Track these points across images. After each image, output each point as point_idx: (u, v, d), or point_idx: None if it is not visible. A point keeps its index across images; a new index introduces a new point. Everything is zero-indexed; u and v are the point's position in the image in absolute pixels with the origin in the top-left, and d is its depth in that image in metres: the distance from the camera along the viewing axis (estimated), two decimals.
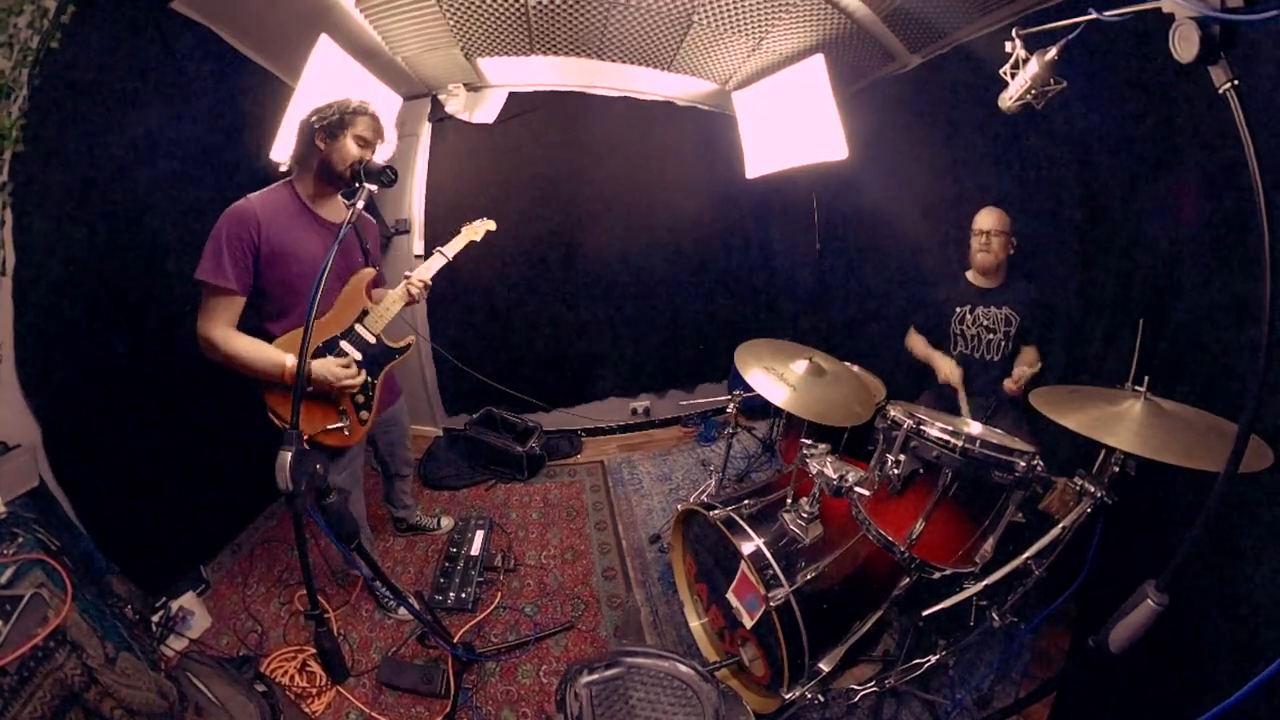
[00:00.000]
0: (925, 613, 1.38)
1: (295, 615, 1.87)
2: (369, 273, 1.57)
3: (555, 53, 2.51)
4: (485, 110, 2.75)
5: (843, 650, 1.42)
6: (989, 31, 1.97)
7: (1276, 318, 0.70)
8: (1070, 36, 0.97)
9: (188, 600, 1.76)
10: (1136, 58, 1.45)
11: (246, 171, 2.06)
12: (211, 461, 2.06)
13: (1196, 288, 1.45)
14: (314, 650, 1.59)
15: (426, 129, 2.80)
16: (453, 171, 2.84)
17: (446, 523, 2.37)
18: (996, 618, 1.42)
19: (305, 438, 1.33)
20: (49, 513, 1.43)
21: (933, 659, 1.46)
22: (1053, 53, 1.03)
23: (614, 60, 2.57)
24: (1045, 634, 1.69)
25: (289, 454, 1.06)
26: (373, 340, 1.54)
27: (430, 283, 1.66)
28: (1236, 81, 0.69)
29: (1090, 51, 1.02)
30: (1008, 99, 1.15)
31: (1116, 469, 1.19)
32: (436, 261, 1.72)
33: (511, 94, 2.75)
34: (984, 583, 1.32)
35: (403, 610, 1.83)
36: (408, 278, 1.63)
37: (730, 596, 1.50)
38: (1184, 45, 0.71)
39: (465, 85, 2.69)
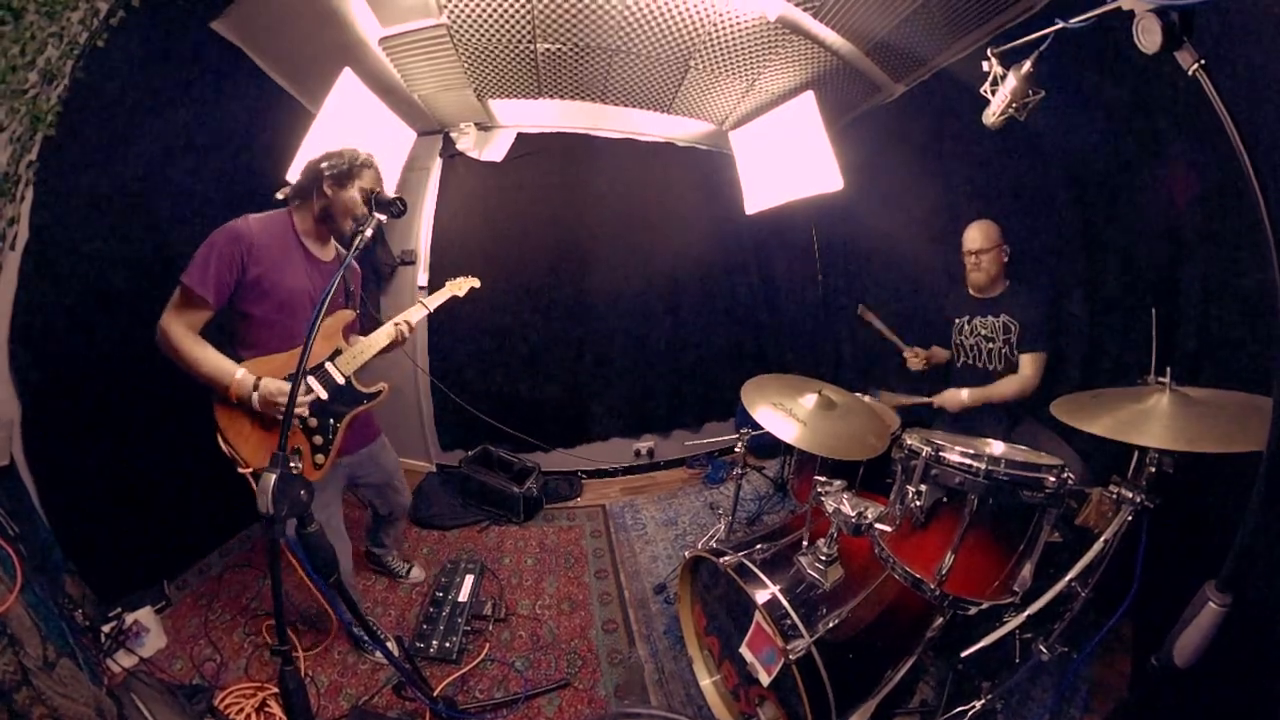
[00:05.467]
0: (964, 654, 1.32)
1: (260, 649, 1.80)
2: (349, 314, 1.62)
3: (562, 96, 2.76)
4: (494, 149, 2.98)
5: (874, 704, 1.34)
6: (966, 54, 2.15)
7: None
8: (1042, 48, 1.06)
9: (144, 615, 1.72)
10: (1108, 56, 1.56)
11: (261, 187, 2.21)
12: (191, 473, 2.02)
13: (1202, 268, 1.49)
14: (276, 690, 1.52)
15: (437, 164, 3.01)
16: (460, 206, 3.02)
17: (417, 574, 2.26)
18: (1045, 650, 1.33)
19: (249, 470, 1.34)
20: (13, 495, 1.43)
21: (978, 705, 1.38)
22: (1027, 66, 1.12)
23: (617, 103, 2.81)
24: (1102, 660, 1.64)
25: (273, 476, 1.07)
26: (341, 380, 1.54)
27: (415, 328, 1.75)
28: (1203, 61, 0.75)
29: (1063, 58, 1.09)
30: (991, 115, 1.23)
31: (1153, 469, 1.19)
32: (418, 311, 1.80)
33: (520, 134, 2.98)
34: (1026, 613, 1.27)
35: (380, 653, 1.72)
36: (397, 324, 1.70)
37: (745, 651, 1.44)
38: (1147, 37, 0.77)
39: (476, 124, 2.94)
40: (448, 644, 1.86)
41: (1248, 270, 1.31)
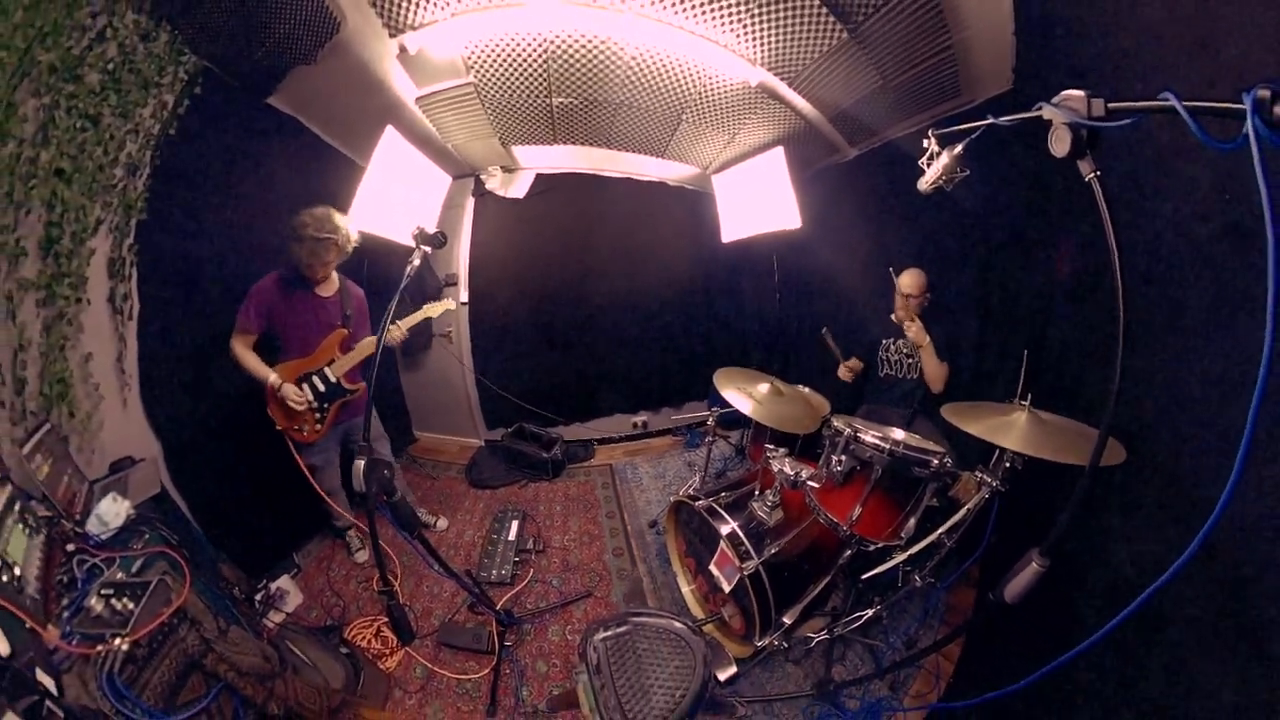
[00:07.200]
0: (864, 576, 1.42)
1: (370, 591, 1.86)
2: (342, 333, 1.78)
3: (573, 142, 2.59)
4: (517, 187, 2.81)
5: (801, 607, 1.44)
6: (911, 131, 2.06)
7: (1128, 346, 0.74)
8: (973, 136, 1.00)
9: (283, 582, 1.75)
10: (1024, 152, 1.49)
11: None
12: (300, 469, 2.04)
13: (1067, 325, 1.49)
14: (386, 619, 1.55)
15: (470, 202, 2.85)
16: (491, 236, 2.88)
17: (442, 524, 2.29)
18: (918, 579, 1.46)
19: (280, 428, 1.71)
20: (169, 513, 1.43)
21: (870, 612, 1.49)
22: (959, 148, 1.05)
23: (619, 149, 2.65)
24: (956, 591, 1.73)
25: (362, 462, 1.11)
26: (332, 380, 1.76)
27: (406, 335, 1.81)
28: (1099, 172, 0.72)
29: (989, 147, 1.00)
30: (924, 183, 1.13)
31: (1008, 465, 1.22)
32: (394, 332, 1.78)
33: (538, 174, 2.81)
34: (908, 553, 1.36)
35: (456, 582, 1.76)
36: (376, 341, 1.76)
37: (712, 568, 1.52)
38: (1059, 144, 0.72)
39: (502, 167, 2.76)
40: (503, 571, 1.93)
41: (1100, 335, 1.32)
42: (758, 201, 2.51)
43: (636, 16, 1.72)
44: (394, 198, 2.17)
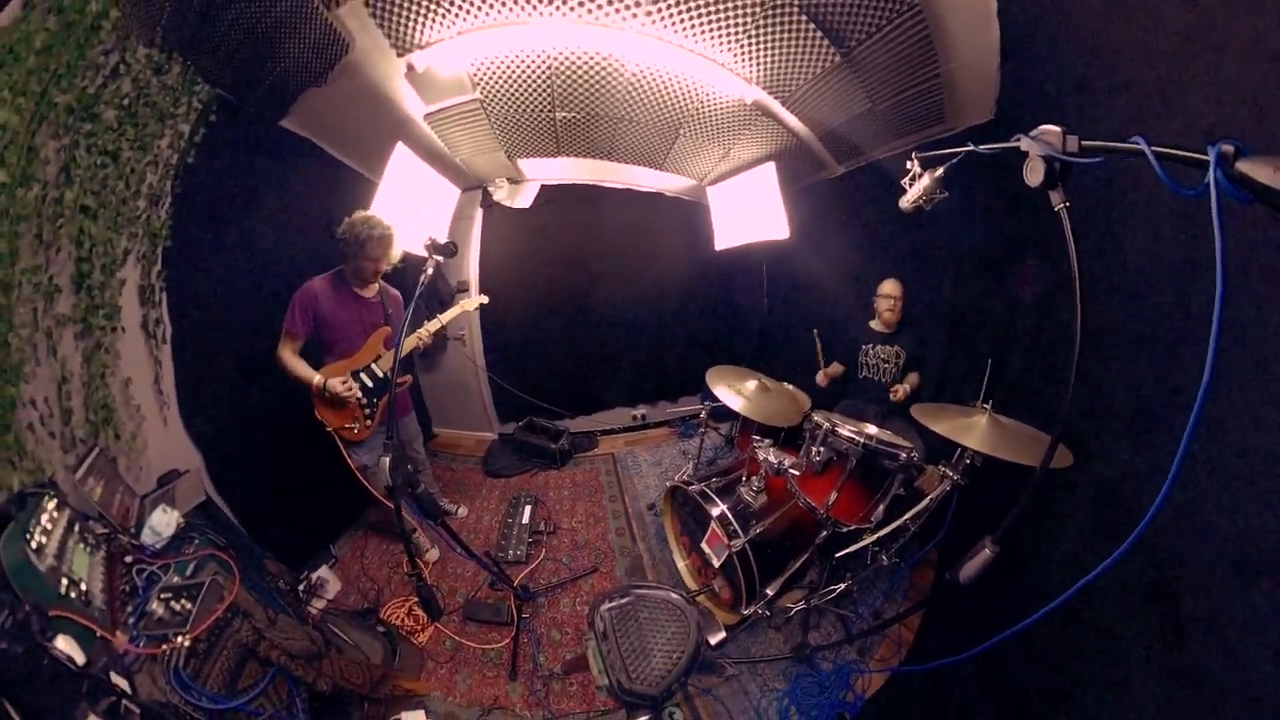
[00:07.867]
0: (837, 555, 1.45)
1: (401, 575, 1.87)
2: (385, 331, 1.72)
3: (576, 155, 2.51)
4: (523, 198, 2.72)
5: (782, 581, 1.48)
6: (895, 152, 2.03)
7: (1082, 360, 0.74)
8: (953, 160, 0.98)
9: (323, 572, 1.75)
10: (1000, 179, 1.47)
11: (338, 250, 2.02)
12: (332, 467, 2.00)
13: (1027, 340, 1.52)
14: (417, 599, 1.57)
15: (479, 213, 2.75)
16: (499, 244, 2.80)
17: (463, 511, 2.31)
18: (885, 559, 1.50)
19: (331, 429, 1.57)
20: (215, 518, 1.42)
21: (842, 586, 1.53)
22: (940, 171, 1.03)
23: (620, 161, 2.57)
24: (917, 571, 1.78)
25: (388, 459, 1.12)
26: (381, 375, 1.70)
27: (433, 335, 1.77)
28: (1068, 203, 0.70)
29: (968, 172, 0.97)
30: (906, 202, 1.11)
31: (968, 461, 1.26)
32: (433, 325, 1.79)
33: (543, 186, 2.72)
34: (877, 535, 1.40)
35: (476, 562, 1.76)
36: (419, 336, 1.76)
37: (704, 546, 1.54)
38: (1033, 174, 0.70)
39: (508, 179, 2.67)
40: (519, 551, 1.96)
41: (1057, 349, 1.34)
42: (749, 213, 2.46)
43: (637, 35, 1.65)
44: (406, 211, 2.10)
